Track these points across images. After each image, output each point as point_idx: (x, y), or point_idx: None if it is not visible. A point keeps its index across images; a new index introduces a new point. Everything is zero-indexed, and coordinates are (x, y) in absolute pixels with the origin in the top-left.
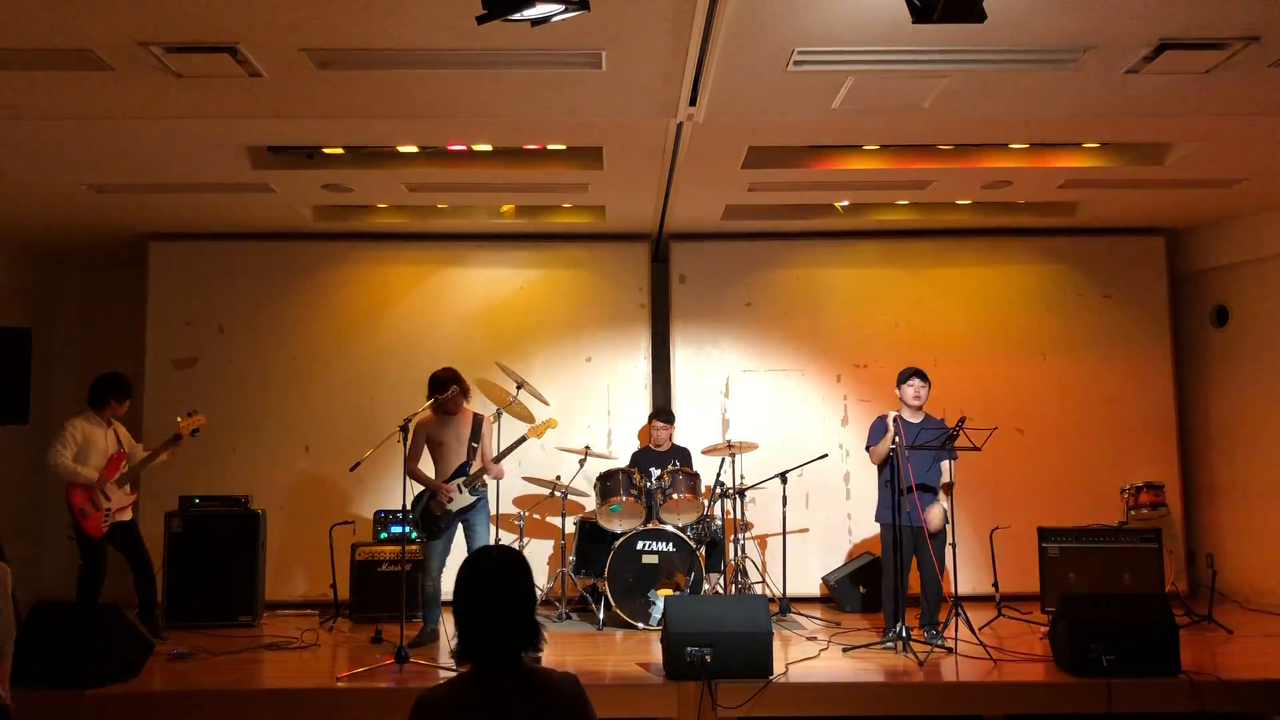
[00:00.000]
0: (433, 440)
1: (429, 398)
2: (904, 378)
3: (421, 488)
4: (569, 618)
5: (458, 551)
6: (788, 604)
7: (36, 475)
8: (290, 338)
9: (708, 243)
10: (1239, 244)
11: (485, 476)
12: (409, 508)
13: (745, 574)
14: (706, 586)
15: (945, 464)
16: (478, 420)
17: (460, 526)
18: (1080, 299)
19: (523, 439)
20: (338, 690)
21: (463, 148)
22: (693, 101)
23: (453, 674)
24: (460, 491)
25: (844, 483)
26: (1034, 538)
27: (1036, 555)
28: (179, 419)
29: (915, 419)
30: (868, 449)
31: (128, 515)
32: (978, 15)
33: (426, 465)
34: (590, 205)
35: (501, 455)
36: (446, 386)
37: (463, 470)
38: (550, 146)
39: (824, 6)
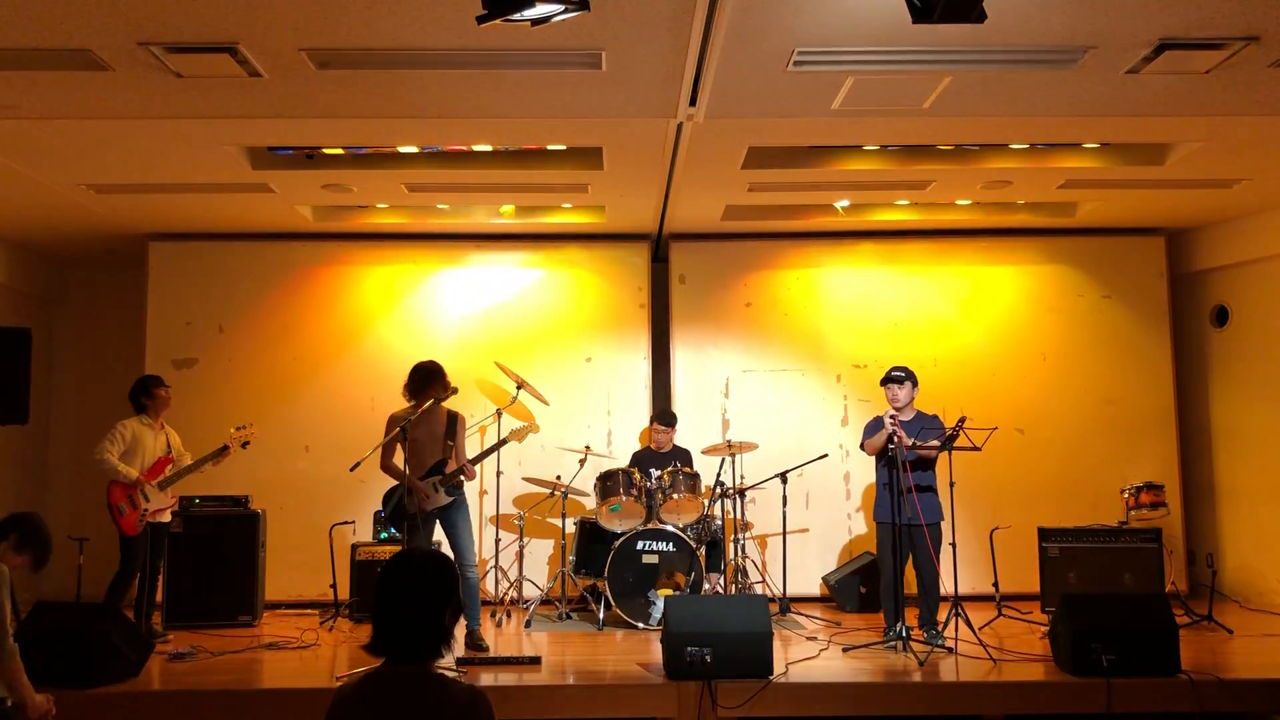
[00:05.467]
0: (406, 435)
1: (416, 390)
2: (882, 382)
3: (394, 483)
4: (569, 618)
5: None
6: (788, 604)
7: (37, 476)
8: (290, 338)
9: (708, 243)
10: (1239, 244)
11: (461, 476)
12: (381, 505)
13: (745, 574)
14: (706, 586)
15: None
16: (453, 417)
17: (440, 526)
18: (1080, 299)
19: (503, 442)
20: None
21: (463, 148)
22: (693, 101)
23: (451, 671)
24: (436, 491)
25: (844, 483)
26: (1034, 538)
27: (1036, 555)
28: (231, 430)
29: (907, 417)
30: (861, 446)
31: (166, 518)
32: (978, 15)
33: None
34: (590, 205)
35: (480, 458)
36: (446, 383)
37: (438, 469)
38: (550, 146)
39: (824, 6)
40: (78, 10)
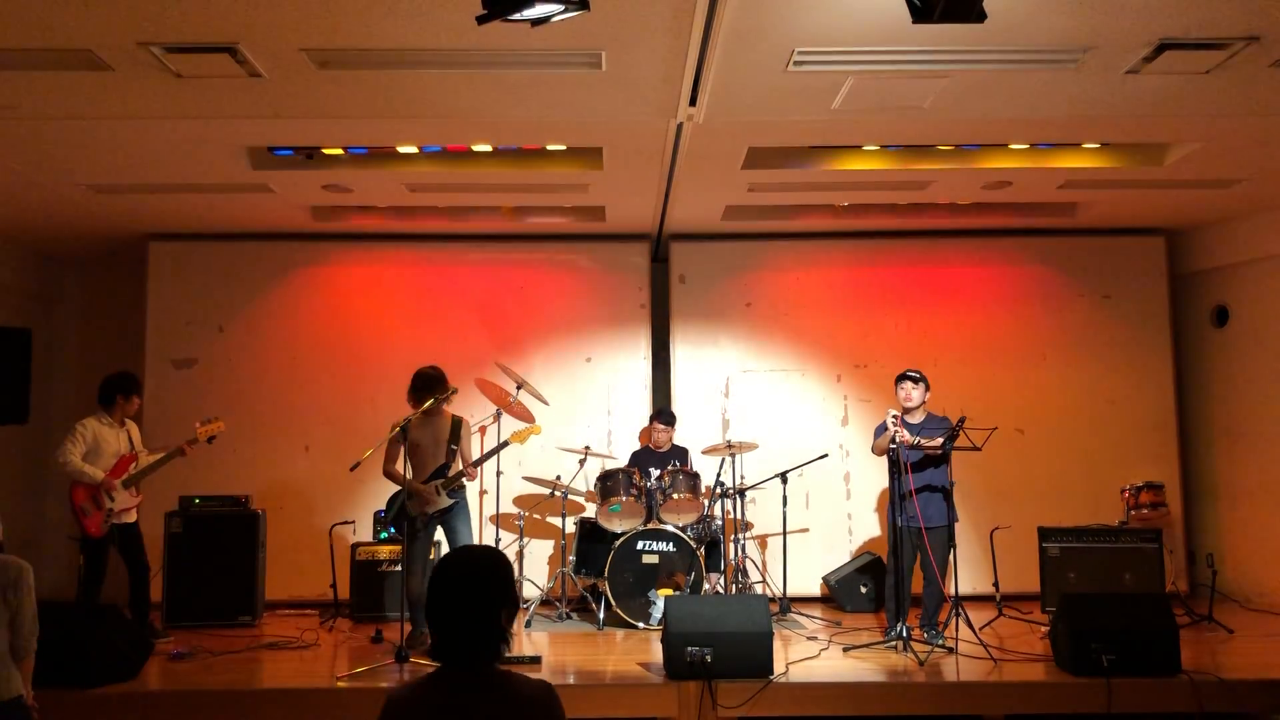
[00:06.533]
0: (409, 441)
1: (419, 396)
2: (896, 381)
3: (396, 489)
4: (569, 618)
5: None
6: (788, 604)
7: (36, 475)
8: (290, 338)
9: (708, 243)
10: (1239, 244)
11: (463, 479)
12: (384, 509)
13: (745, 574)
14: (706, 586)
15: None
16: (457, 422)
17: (440, 529)
18: (1080, 299)
19: (505, 444)
20: (338, 690)
21: (463, 148)
22: (693, 102)
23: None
24: (438, 494)
25: (844, 483)
26: (1034, 538)
27: (1037, 555)
28: (197, 424)
29: (916, 419)
30: (872, 448)
31: (132, 517)
32: (978, 15)
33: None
34: (590, 205)
35: (482, 460)
36: (446, 388)
37: (440, 473)
38: (550, 146)
39: (824, 6)
40: (78, 10)
